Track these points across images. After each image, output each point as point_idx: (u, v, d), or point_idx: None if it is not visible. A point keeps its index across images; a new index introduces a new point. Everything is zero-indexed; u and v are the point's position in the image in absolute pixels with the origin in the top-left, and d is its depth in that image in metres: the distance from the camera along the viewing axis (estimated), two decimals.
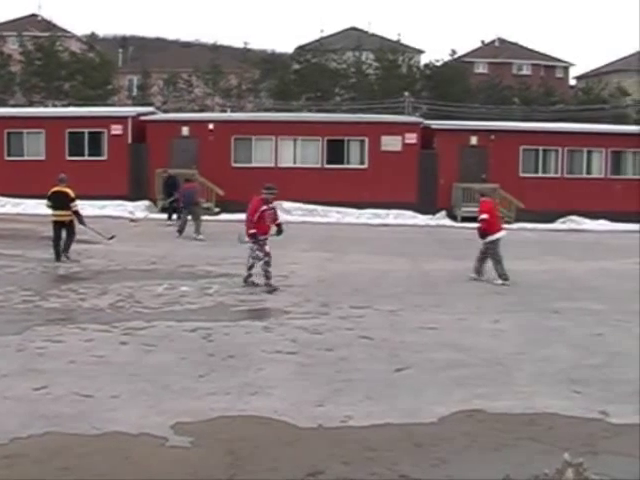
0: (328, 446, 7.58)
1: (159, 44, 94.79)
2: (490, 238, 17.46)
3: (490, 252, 17.45)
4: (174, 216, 27.97)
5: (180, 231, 24.69)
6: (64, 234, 18.81)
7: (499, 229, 17.74)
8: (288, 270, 17.85)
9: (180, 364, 10.28)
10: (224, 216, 30.41)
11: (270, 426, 8.10)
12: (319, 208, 32.50)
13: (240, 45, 73.88)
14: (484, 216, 17.48)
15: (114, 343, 11.33)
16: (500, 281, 17.19)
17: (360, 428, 8.07)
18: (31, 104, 54.15)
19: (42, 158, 34.25)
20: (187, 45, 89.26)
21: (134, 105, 54.09)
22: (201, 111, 53.09)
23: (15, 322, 12.64)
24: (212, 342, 11.50)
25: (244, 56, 69.73)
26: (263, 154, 34.52)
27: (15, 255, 18.88)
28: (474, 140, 35.58)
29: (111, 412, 8.38)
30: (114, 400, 8.78)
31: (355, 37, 67.74)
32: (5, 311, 13.52)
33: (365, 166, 34.95)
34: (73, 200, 18.91)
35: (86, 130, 34.33)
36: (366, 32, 74.07)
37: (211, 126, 34.42)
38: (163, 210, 31.03)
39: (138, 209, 31.44)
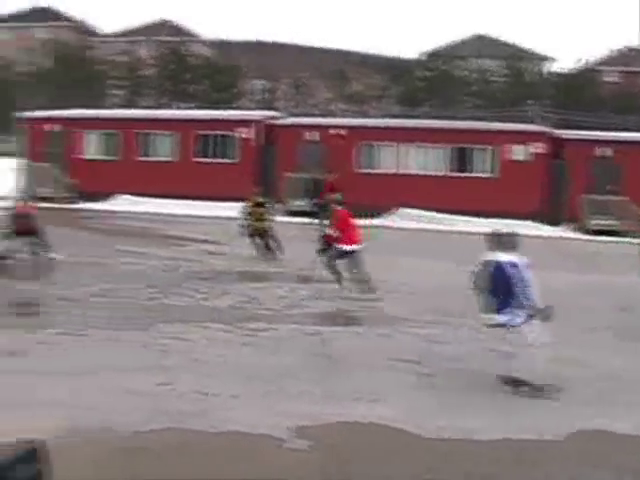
0: (444, 458, 7.51)
1: (284, 49, 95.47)
2: (346, 248, 16.45)
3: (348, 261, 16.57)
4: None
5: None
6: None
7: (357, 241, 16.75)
8: (408, 277, 17.74)
9: (299, 367, 10.34)
10: None
11: (386, 434, 8.07)
12: (440, 216, 32.13)
13: (365, 50, 74.01)
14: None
15: (236, 343, 11.51)
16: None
17: (478, 442, 7.96)
18: (161, 106, 55.43)
19: (172, 159, 35.04)
20: (312, 50, 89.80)
21: (259, 109, 54.74)
22: (325, 116, 53.30)
23: (140, 318, 13.05)
24: (330, 347, 11.53)
25: (369, 62, 69.83)
26: (387, 160, 34.41)
27: (141, 253, 19.30)
28: (604, 151, 34.68)
29: (230, 411, 8.51)
30: (234, 400, 8.92)
31: (481, 44, 67.00)
32: (132, 307, 13.95)
33: (490, 175, 34.46)
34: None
35: (215, 133, 34.94)
36: (492, 39, 73.09)
37: (337, 131, 34.51)
38: (290, 213, 31.36)
39: None
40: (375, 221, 29.16)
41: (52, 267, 17.15)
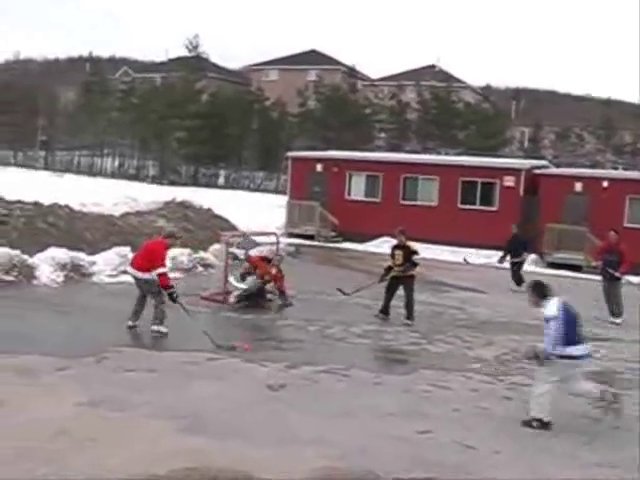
0: None
1: (551, 97, 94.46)
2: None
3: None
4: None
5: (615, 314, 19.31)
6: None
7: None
8: None
9: (564, 428, 9.90)
10: None
11: None
12: None
13: (635, 100, 71.63)
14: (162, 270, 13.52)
15: (498, 396, 11.22)
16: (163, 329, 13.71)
17: None
18: (425, 151, 56.01)
19: (435, 204, 35.14)
20: (579, 99, 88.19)
21: (525, 157, 54.05)
22: (592, 167, 51.89)
23: (403, 362, 13.07)
24: (599, 409, 10.97)
25: (639, 112, 67.52)
26: None
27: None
28: None
29: (492, 468, 8.28)
30: (496, 456, 8.68)
31: None
32: (394, 351, 14.00)
33: None
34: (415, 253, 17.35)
35: (479, 180, 34.69)
36: None
37: (605, 184, 33.33)
38: (551, 265, 30.69)
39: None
40: None
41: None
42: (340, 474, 7.76)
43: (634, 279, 25.16)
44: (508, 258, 24.57)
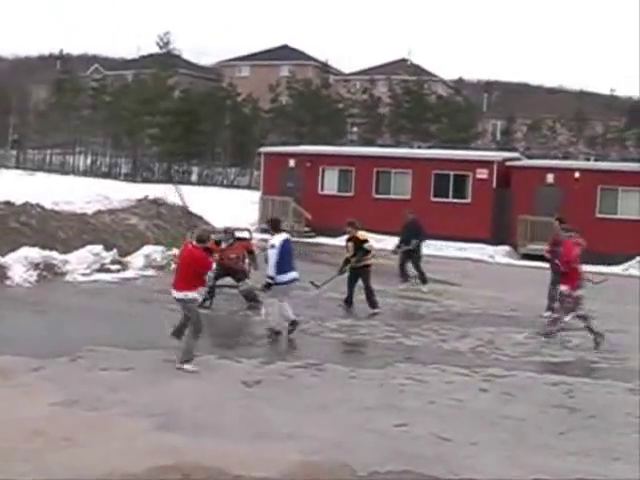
0: None
1: (523, 89, 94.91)
2: None
3: None
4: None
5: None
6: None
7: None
8: None
9: (539, 418, 10.01)
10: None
11: None
12: None
13: (606, 92, 72.13)
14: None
15: (473, 388, 11.27)
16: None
17: None
18: (398, 144, 56.09)
19: (408, 197, 35.19)
20: (552, 91, 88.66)
21: (497, 149, 54.30)
22: (564, 159, 52.20)
23: (378, 357, 13.02)
24: (573, 399, 11.10)
25: (610, 104, 68.00)
26: (630, 207, 32.92)
27: (379, 290, 19.31)
28: None
29: (469, 459, 8.32)
30: (472, 447, 8.72)
31: None
32: (369, 345, 14.06)
33: None
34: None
35: (452, 172, 34.84)
36: None
37: (577, 175, 33.55)
38: (525, 257, 30.83)
39: (498, 254, 31.37)
40: (616, 269, 28.01)
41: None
42: (316, 468, 7.77)
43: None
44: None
